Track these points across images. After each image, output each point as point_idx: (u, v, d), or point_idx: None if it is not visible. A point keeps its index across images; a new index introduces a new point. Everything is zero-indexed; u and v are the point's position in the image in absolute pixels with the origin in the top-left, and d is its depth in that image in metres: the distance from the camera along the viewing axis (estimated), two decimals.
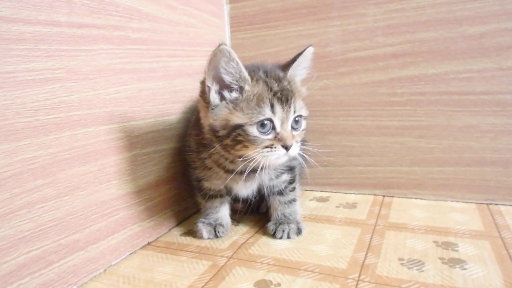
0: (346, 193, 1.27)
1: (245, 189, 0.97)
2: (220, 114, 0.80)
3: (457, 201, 1.14)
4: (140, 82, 0.94)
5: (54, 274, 0.74)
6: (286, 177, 0.99)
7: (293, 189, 1.02)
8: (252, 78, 0.81)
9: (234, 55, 0.77)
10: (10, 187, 0.66)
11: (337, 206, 1.16)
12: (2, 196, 0.65)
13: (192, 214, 1.15)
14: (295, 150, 0.82)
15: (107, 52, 0.85)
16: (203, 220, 1.01)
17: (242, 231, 1.03)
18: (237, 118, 0.79)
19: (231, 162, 0.88)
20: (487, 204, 1.11)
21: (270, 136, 0.80)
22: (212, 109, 0.81)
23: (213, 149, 0.85)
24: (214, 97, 0.81)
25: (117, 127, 0.88)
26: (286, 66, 0.87)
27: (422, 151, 1.16)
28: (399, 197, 1.21)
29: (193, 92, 1.12)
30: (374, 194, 1.24)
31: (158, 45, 1.00)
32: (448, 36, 1.09)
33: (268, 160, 0.80)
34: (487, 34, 1.06)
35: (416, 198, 1.19)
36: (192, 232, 1.02)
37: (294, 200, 1.02)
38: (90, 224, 0.82)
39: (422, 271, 0.78)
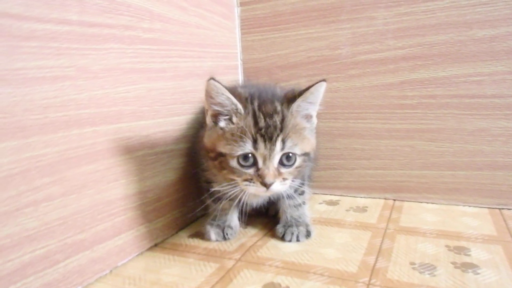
0: (356, 197, 1.26)
1: (256, 199, 0.96)
2: (211, 137, 0.84)
3: (469, 206, 1.13)
4: (150, 82, 0.94)
5: (58, 274, 0.73)
6: (295, 182, 0.98)
7: (302, 192, 1.01)
8: (245, 109, 0.81)
9: (223, 89, 0.78)
10: (17, 184, 0.66)
11: (347, 210, 1.14)
12: (8, 193, 0.65)
13: (200, 216, 1.13)
14: (278, 187, 0.81)
15: (117, 51, 0.84)
16: (212, 222, 1.00)
17: (251, 233, 1.02)
18: (221, 147, 0.81)
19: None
20: (499, 209, 1.09)
21: (251, 171, 0.80)
22: (208, 129, 0.85)
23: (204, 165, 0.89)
24: (209, 120, 0.84)
25: (126, 126, 0.87)
26: (292, 99, 0.82)
27: (433, 155, 1.15)
28: (409, 201, 1.19)
29: (203, 93, 1.12)
30: (385, 198, 1.22)
31: (168, 45, 0.99)
32: (458, 40, 1.08)
33: (248, 191, 0.82)
34: (498, 37, 1.05)
35: (427, 203, 1.17)
36: (200, 234, 1.01)
37: (303, 203, 1.01)
38: (97, 224, 0.81)
39: (434, 275, 0.77)
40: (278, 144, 0.79)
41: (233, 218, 1.01)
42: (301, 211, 1.00)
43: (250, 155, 0.79)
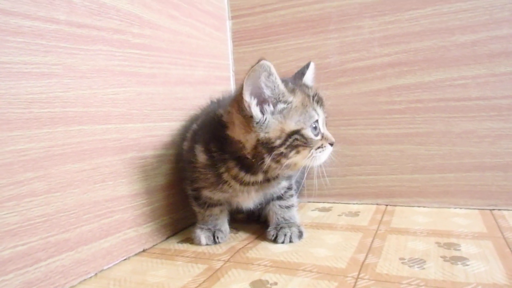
0: (349, 204, 1.25)
1: (251, 199, 0.96)
2: (272, 126, 0.81)
3: (460, 208, 1.12)
4: (140, 86, 0.95)
5: (40, 273, 0.72)
6: (285, 183, 0.99)
7: (291, 195, 1.02)
8: (288, 91, 0.83)
9: (274, 69, 0.79)
10: None
11: (339, 215, 1.14)
12: None
13: (191, 224, 1.11)
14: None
15: (106, 53, 0.86)
16: (202, 226, 0.99)
17: (241, 237, 1.00)
18: (292, 125, 0.81)
19: (252, 174, 0.88)
20: (490, 210, 1.09)
21: (319, 137, 0.84)
22: (257, 123, 0.81)
23: (262, 163, 0.83)
24: (256, 111, 0.81)
25: (113, 128, 0.88)
26: (298, 79, 0.93)
27: (423, 158, 1.15)
28: (401, 205, 1.18)
29: (194, 101, 1.13)
30: (377, 204, 1.22)
31: (159, 51, 1.01)
32: (441, 45, 1.11)
33: (318, 160, 0.85)
34: (479, 42, 1.08)
35: (419, 206, 1.16)
36: (190, 240, 1.00)
37: (292, 205, 1.01)
38: (82, 224, 0.80)
39: (424, 268, 0.75)
40: (325, 107, 0.88)
41: (224, 223, 1.01)
42: (291, 213, 1.00)
43: (315, 123, 0.84)
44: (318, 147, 0.83)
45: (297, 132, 0.81)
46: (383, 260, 0.80)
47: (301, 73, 0.96)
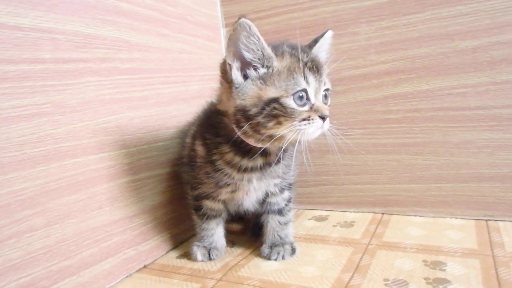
0: (346, 212, 1.26)
1: (253, 192, 0.94)
2: (249, 93, 0.76)
3: (456, 218, 1.12)
4: (131, 111, 0.97)
5: None
6: (287, 194, 1.01)
7: (290, 209, 1.03)
8: (276, 54, 0.78)
9: (255, 29, 0.73)
10: None
11: (334, 225, 1.15)
12: None
13: (190, 236, 1.16)
14: (327, 124, 0.79)
15: (95, 84, 0.88)
16: (198, 243, 1.02)
17: (236, 252, 1.04)
18: (271, 92, 0.75)
19: (250, 158, 0.85)
20: (486, 220, 1.08)
21: (306, 108, 0.76)
22: (236, 88, 0.77)
23: (242, 129, 0.78)
24: (236, 75, 0.77)
25: (107, 156, 0.91)
26: (309, 46, 0.85)
27: (419, 168, 1.14)
28: (398, 214, 1.19)
29: (189, 117, 1.15)
30: (374, 212, 1.22)
31: (149, 73, 1.03)
32: (440, 52, 1.08)
33: (305, 134, 0.76)
34: (480, 48, 1.04)
35: (415, 216, 1.16)
36: (188, 254, 1.04)
37: (289, 221, 1.03)
38: (82, 250, 0.85)
39: None
40: (324, 77, 0.79)
41: (220, 239, 1.03)
42: (287, 230, 1.02)
43: (302, 92, 0.75)
44: (303, 119, 0.75)
45: (275, 100, 0.74)
46: (368, 281, 0.82)
47: (314, 40, 0.86)
